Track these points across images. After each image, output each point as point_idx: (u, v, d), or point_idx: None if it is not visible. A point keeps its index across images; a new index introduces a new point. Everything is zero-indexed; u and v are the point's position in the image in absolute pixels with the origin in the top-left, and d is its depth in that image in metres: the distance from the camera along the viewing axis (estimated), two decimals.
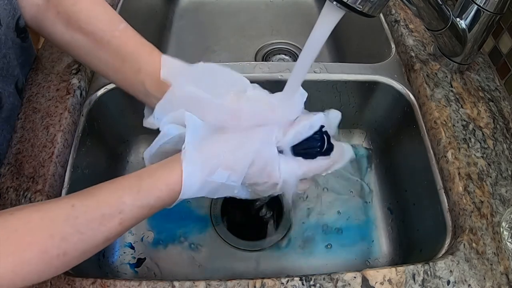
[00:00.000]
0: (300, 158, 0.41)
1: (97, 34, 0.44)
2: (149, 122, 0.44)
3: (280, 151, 0.41)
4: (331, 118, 0.44)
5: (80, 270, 0.44)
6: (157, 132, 0.45)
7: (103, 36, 0.44)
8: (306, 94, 0.43)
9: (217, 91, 0.42)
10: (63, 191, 0.51)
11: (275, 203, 0.65)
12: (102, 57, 0.45)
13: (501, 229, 0.47)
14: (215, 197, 0.42)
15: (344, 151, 0.44)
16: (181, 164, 0.38)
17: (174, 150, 0.40)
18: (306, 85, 0.42)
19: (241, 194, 0.43)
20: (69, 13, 0.44)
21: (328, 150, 0.42)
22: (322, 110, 0.42)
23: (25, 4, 0.47)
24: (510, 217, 0.47)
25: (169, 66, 0.44)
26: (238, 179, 0.39)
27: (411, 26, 0.68)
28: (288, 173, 0.41)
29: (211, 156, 0.39)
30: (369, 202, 0.68)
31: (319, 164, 0.42)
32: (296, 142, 0.41)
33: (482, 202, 0.49)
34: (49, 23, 0.46)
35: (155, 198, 0.37)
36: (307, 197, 0.67)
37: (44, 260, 0.33)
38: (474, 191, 0.50)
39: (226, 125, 0.41)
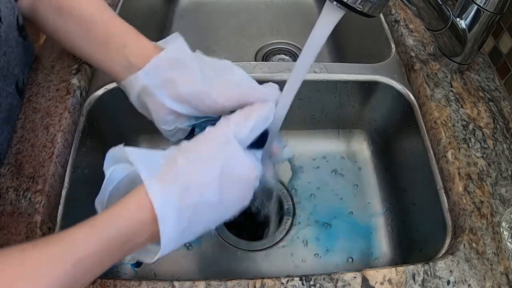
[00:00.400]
0: (260, 150, 0.41)
1: (87, 18, 0.45)
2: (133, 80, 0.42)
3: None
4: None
5: None
6: (158, 131, 0.45)
7: (92, 20, 0.45)
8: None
9: (205, 70, 0.42)
10: (63, 191, 0.51)
11: (275, 203, 0.65)
12: (91, 38, 0.46)
13: (501, 229, 0.47)
14: (212, 227, 0.38)
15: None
16: (143, 190, 0.34)
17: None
18: (306, 85, 0.42)
19: (229, 212, 0.39)
20: (61, 3, 0.46)
21: None
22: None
23: None
24: (510, 217, 0.47)
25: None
26: (214, 193, 0.36)
27: (411, 26, 0.68)
28: (259, 163, 0.40)
29: (174, 176, 0.35)
30: (369, 202, 0.68)
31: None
32: (253, 137, 0.39)
33: (482, 202, 0.49)
34: (43, 12, 0.48)
35: (115, 229, 0.33)
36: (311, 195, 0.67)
37: None
38: (474, 191, 0.50)
39: (199, 105, 0.41)
